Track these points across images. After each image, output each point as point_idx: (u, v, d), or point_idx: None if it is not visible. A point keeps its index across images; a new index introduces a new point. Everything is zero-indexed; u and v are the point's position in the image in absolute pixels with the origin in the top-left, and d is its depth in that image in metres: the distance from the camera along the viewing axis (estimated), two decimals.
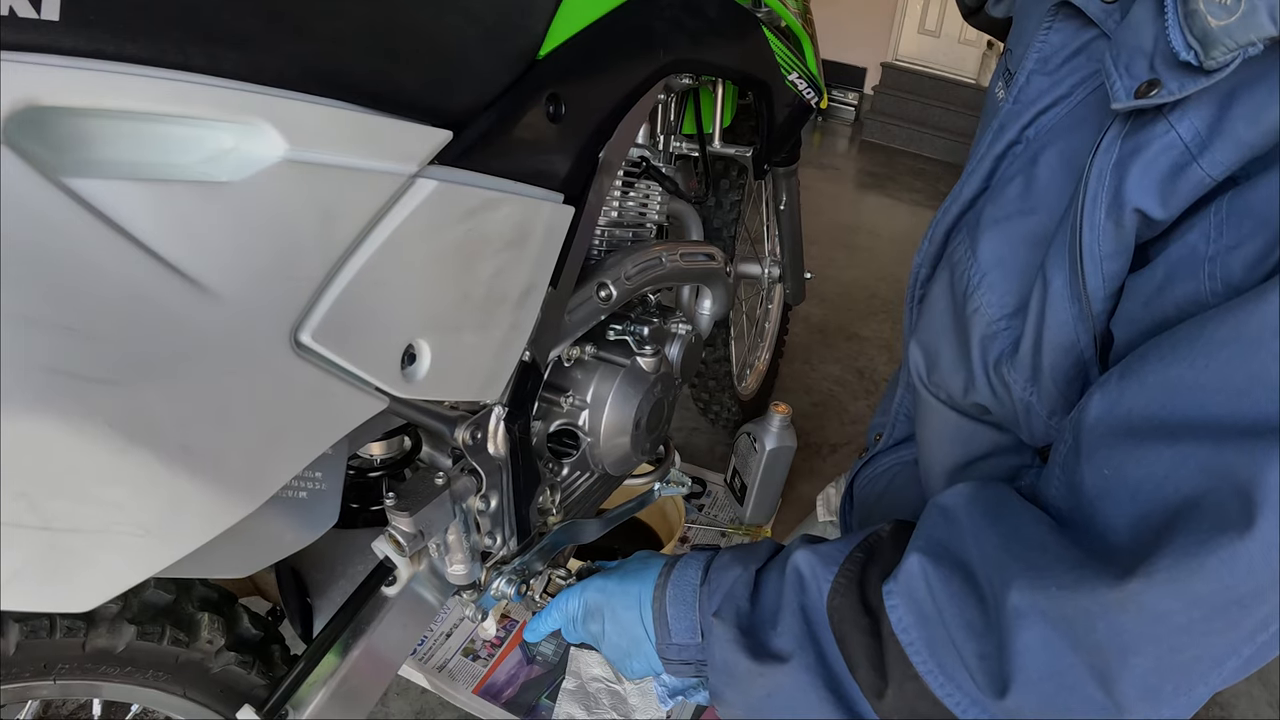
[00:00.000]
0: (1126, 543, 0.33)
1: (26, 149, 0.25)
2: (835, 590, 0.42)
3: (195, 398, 0.28)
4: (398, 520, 0.46)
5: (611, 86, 0.55)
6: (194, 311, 0.28)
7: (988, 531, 0.38)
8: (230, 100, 0.31)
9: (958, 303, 0.46)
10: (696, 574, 0.50)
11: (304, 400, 0.32)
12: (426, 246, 0.39)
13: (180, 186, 0.29)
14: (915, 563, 0.39)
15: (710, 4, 0.65)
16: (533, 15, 0.48)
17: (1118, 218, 0.36)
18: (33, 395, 0.24)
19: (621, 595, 0.53)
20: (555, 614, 0.58)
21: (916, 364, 0.51)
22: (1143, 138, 0.36)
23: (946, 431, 0.51)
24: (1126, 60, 0.36)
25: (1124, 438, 0.34)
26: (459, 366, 0.44)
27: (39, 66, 0.25)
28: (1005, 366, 0.43)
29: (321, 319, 0.33)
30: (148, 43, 0.28)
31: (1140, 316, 0.36)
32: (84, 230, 0.25)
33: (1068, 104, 0.43)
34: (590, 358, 0.68)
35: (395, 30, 0.38)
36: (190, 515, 0.28)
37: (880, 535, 0.45)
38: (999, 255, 0.44)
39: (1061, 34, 0.44)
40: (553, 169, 0.51)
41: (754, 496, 1.35)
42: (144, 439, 0.27)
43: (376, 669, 0.54)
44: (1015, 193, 0.44)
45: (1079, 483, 0.36)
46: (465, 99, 0.43)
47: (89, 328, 0.25)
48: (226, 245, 0.29)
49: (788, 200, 1.18)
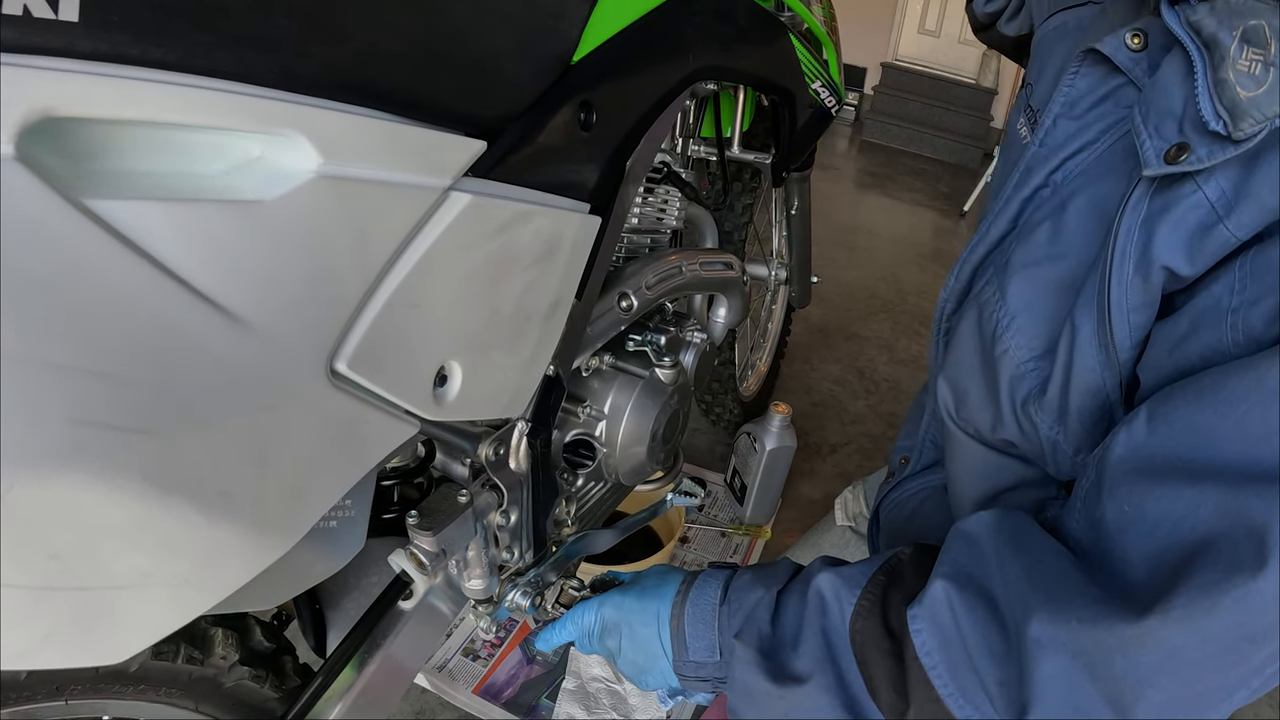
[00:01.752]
0: (1143, 578, 0.34)
1: (43, 165, 0.23)
2: (858, 613, 0.43)
3: (232, 439, 0.27)
4: (421, 540, 0.45)
5: (642, 93, 0.54)
6: (229, 345, 0.26)
7: (1010, 561, 0.39)
8: (262, 110, 0.29)
9: (986, 343, 0.48)
10: (716, 593, 0.50)
11: (339, 431, 0.31)
12: (460, 264, 0.38)
13: (211, 207, 0.27)
14: (940, 589, 0.40)
15: (740, 10, 0.63)
16: (567, 19, 0.46)
17: (1145, 273, 0.38)
18: (62, 452, 0.22)
19: (639, 612, 0.53)
20: (570, 626, 0.58)
21: (945, 400, 0.53)
22: (1170, 196, 0.37)
23: (975, 465, 0.52)
24: (1156, 121, 0.37)
25: (1146, 476, 0.35)
26: (489, 386, 0.43)
27: (56, 73, 0.23)
28: (1033, 406, 0.45)
29: (357, 346, 0.32)
30: (175, 46, 0.26)
31: (1164, 363, 0.38)
32: (110, 259, 0.23)
33: (1094, 150, 0.45)
34: (608, 368, 0.67)
35: (430, 32, 0.36)
36: (229, 560, 0.27)
37: (901, 559, 0.46)
38: (1027, 299, 0.45)
39: (1088, 79, 0.45)
40: (582, 179, 0.50)
41: (754, 496, 1.36)
42: (181, 489, 0.25)
43: (393, 679, 0.53)
44: (1044, 238, 0.45)
45: (1100, 517, 0.37)
46: (500, 107, 0.41)
47: (119, 371, 0.23)
48: (261, 271, 0.27)
49: (799, 205, 1.17)
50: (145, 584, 0.25)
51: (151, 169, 0.28)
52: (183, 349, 0.25)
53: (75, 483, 0.23)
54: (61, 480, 0.22)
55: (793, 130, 0.81)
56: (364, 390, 0.33)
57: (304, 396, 0.29)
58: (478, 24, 0.39)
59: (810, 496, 1.52)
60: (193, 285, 0.25)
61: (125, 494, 0.24)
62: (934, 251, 3.03)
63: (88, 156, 0.25)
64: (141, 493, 0.24)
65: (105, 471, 0.23)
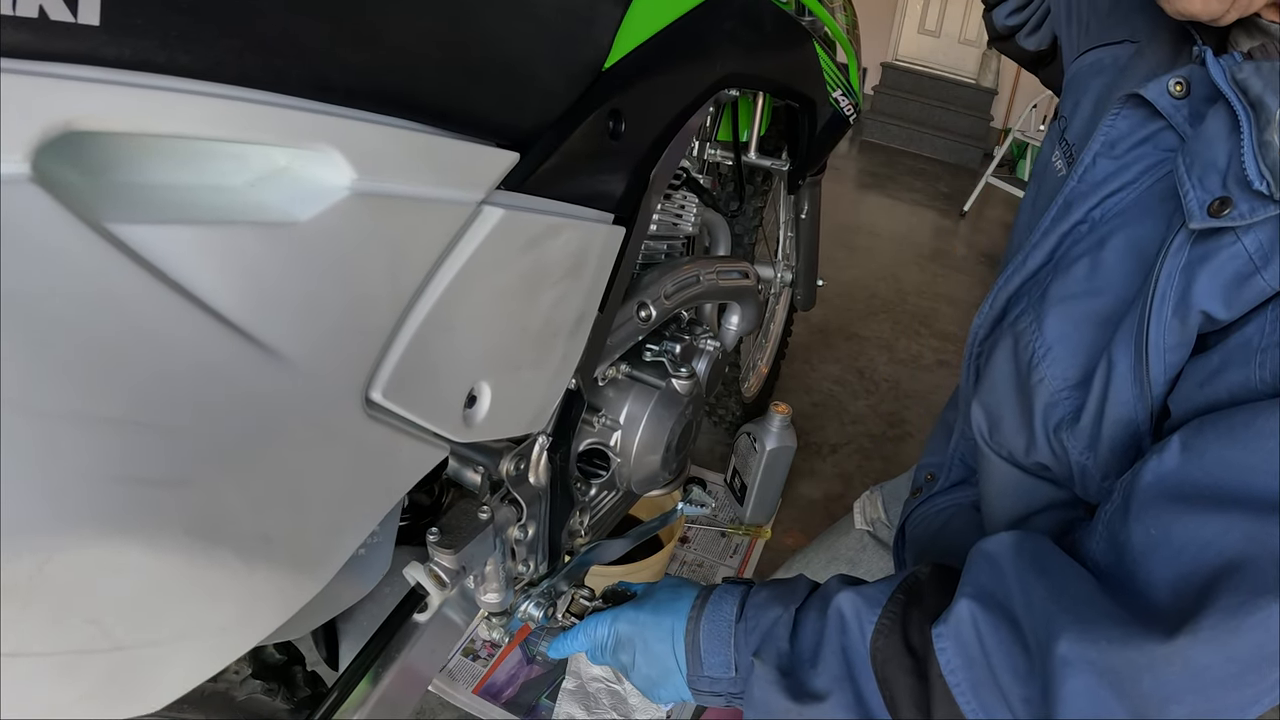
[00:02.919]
0: (1168, 599, 0.36)
1: (61, 184, 0.21)
2: (879, 631, 0.44)
3: (271, 481, 0.26)
4: (441, 557, 0.44)
5: (670, 101, 0.53)
6: (266, 382, 0.25)
7: (1034, 583, 0.40)
8: (295, 123, 0.28)
9: (1021, 372, 0.50)
10: (732, 610, 0.51)
11: (374, 462, 0.30)
12: (492, 281, 0.37)
13: (243, 230, 0.25)
14: (965, 607, 0.41)
15: (766, 17, 0.62)
16: (599, 25, 0.45)
17: (1184, 316, 0.40)
18: (100, 515, 0.20)
19: (654, 627, 0.53)
20: (582, 638, 0.58)
21: (979, 424, 0.54)
22: (1211, 246, 0.39)
23: (1008, 486, 0.54)
24: (1200, 173, 0.39)
25: (1174, 502, 0.37)
26: (517, 404, 0.42)
27: (76, 82, 0.21)
28: (1065, 432, 0.47)
29: (392, 372, 0.30)
30: (203, 52, 0.24)
31: (1194, 396, 0.40)
32: (139, 293, 0.21)
33: (1134, 189, 0.46)
34: (624, 377, 0.66)
35: (465, 37, 0.34)
36: (267, 602, 0.26)
37: (919, 578, 0.47)
38: (1063, 331, 0.47)
39: (1129, 121, 0.46)
40: (610, 190, 0.49)
41: (754, 496, 1.36)
42: (223, 539, 0.24)
43: (408, 690, 0.53)
44: (1082, 273, 0.47)
45: (1125, 540, 0.39)
46: (533, 115, 0.40)
47: (155, 419, 0.21)
48: (296, 298, 0.26)
49: (809, 209, 1.16)
50: (184, 637, 0.24)
51: (175, 182, 0.26)
52: (220, 389, 0.24)
53: (115, 545, 0.21)
54: (101, 545, 0.21)
55: (811, 138, 0.80)
56: (398, 418, 0.32)
57: (341, 430, 0.28)
58: (511, 29, 0.38)
59: (810, 496, 1.52)
60: (227, 318, 0.24)
61: (167, 551, 0.22)
62: (934, 251, 3.03)
63: (106, 169, 0.24)
64: (183, 548, 0.23)
65: (146, 530, 0.22)
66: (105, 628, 0.22)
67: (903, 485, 0.79)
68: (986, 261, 3.00)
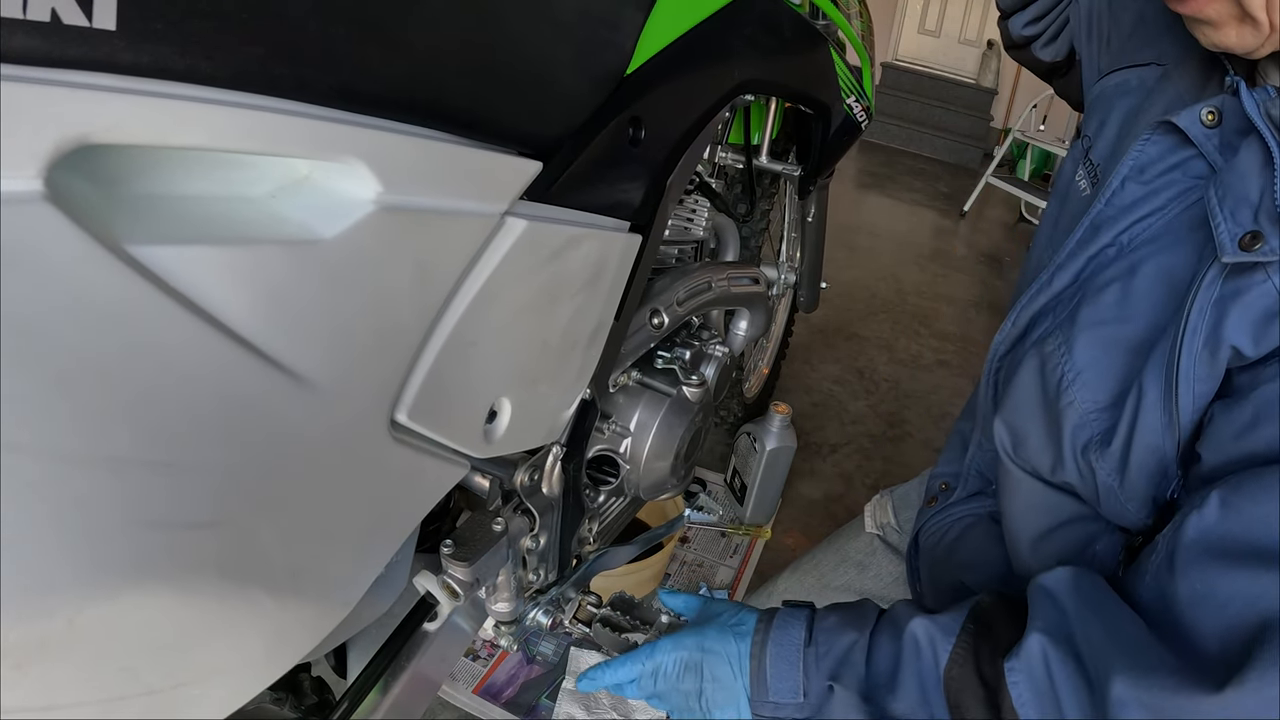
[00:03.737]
0: (1216, 650, 0.37)
1: (77, 202, 0.20)
2: (954, 660, 0.45)
3: (300, 514, 0.25)
4: (456, 570, 0.44)
5: (690, 107, 0.52)
6: (295, 411, 0.24)
7: (1093, 623, 0.42)
8: (321, 135, 0.27)
9: (1050, 393, 0.51)
10: (800, 634, 0.51)
11: (399, 484, 0.29)
12: (514, 295, 0.36)
13: (268, 251, 0.24)
14: (1036, 643, 0.42)
15: (785, 22, 0.62)
16: (623, 30, 0.44)
17: (1214, 349, 0.40)
18: (132, 563, 0.19)
19: (719, 652, 0.53)
20: (631, 667, 0.56)
21: (1003, 440, 0.55)
22: (1243, 282, 0.40)
23: (1032, 500, 0.54)
24: (1232, 206, 0.40)
25: (1218, 558, 0.38)
26: (535, 417, 0.41)
27: (91, 91, 0.20)
28: (1094, 454, 0.47)
29: (416, 393, 0.30)
30: (225, 59, 0.23)
31: (1230, 447, 0.41)
32: (162, 321, 0.20)
33: (1162, 215, 0.47)
34: (634, 384, 0.65)
35: (492, 43, 0.33)
36: (295, 633, 0.25)
37: (984, 607, 0.48)
38: (1093, 356, 0.48)
39: (1159, 146, 0.47)
40: (628, 198, 0.48)
41: (754, 496, 1.36)
42: (254, 577, 0.23)
43: (417, 696, 0.52)
44: (1113, 299, 0.48)
45: (1172, 593, 0.40)
46: (558, 123, 0.39)
47: (185, 459, 0.20)
48: (324, 321, 0.25)
49: (816, 212, 1.16)
50: (213, 675, 0.23)
51: (193, 193, 0.25)
52: (251, 422, 0.22)
53: (147, 592, 0.20)
54: (133, 594, 0.20)
55: (824, 143, 0.80)
56: (422, 439, 0.31)
57: (368, 456, 0.28)
58: (538, 33, 0.37)
59: (810, 496, 1.52)
60: (256, 345, 0.22)
61: (199, 594, 0.21)
62: (934, 251, 3.03)
63: (121, 180, 0.23)
64: (215, 589, 0.22)
65: (178, 575, 0.21)
66: (137, 674, 0.22)
67: (913, 491, 0.80)
68: (986, 261, 3.01)
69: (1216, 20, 0.40)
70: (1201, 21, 0.41)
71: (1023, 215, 3.52)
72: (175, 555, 0.21)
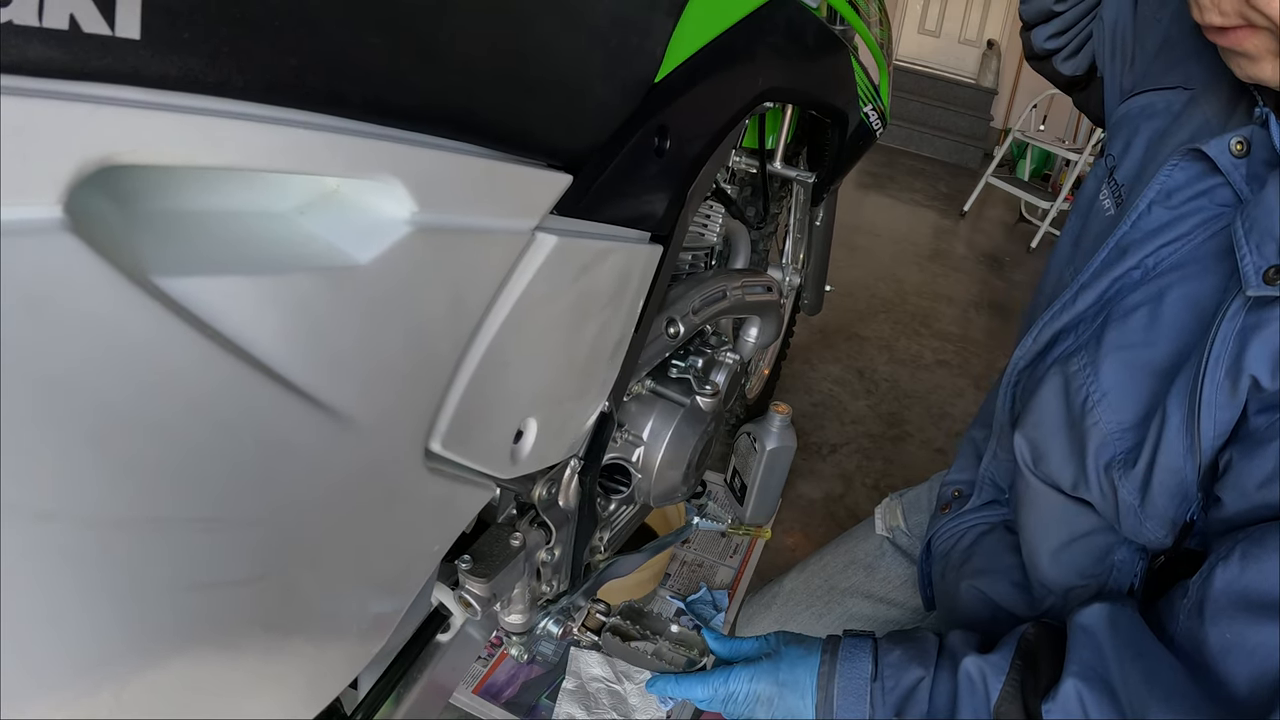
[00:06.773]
0: (1246, 693, 0.39)
1: (100, 233, 0.18)
2: (1003, 698, 0.46)
3: (340, 557, 0.24)
4: (474, 586, 0.43)
5: (715, 115, 0.51)
6: (334, 450, 0.23)
7: (1131, 665, 0.43)
8: (357, 152, 0.25)
9: (1074, 412, 0.51)
10: (866, 667, 0.52)
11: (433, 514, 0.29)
12: (544, 314, 0.35)
13: (302, 280, 0.23)
14: (1072, 688, 0.43)
15: (809, 30, 0.61)
16: (652, 36, 0.43)
17: (1235, 378, 0.42)
18: (177, 628, 0.18)
19: (791, 685, 0.54)
20: (703, 689, 0.56)
21: (1023, 454, 0.56)
22: (1265, 314, 0.41)
23: (1052, 511, 0.55)
24: (1258, 239, 0.40)
25: (1244, 609, 0.40)
26: (558, 434, 0.41)
27: (114, 107, 0.18)
28: (1116, 472, 0.48)
29: (450, 420, 0.29)
30: (258, 71, 0.21)
31: (1253, 494, 0.42)
32: (200, 365, 0.19)
33: (1188, 241, 0.48)
34: (647, 392, 0.65)
35: (526, 51, 0.32)
36: (332, 672, 0.25)
37: (1029, 640, 0.49)
38: (1119, 379, 0.49)
39: (1186, 173, 0.47)
40: (652, 209, 0.47)
41: (754, 496, 1.36)
42: (296, 625, 0.22)
43: (431, 706, 0.52)
44: (1139, 324, 0.49)
45: (1204, 638, 0.42)
46: (589, 134, 0.38)
47: (230, 513, 0.19)
48: (361, 351, 0.23)
49: (824, 216, 1.15)
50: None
51: (218, 208, 0.24)
52: (291, 467, 0.21)
53: (192, 656, 0.19)
54: (178, 658, 0.19)
55: (840, 151, 0.79)
56: (454, 465, 0.30)
57: (405, 489, 0.27)
58: (571, 42, 0.35)
59: (810, 496, 1.53)
60: (293, 382, 0.21)
61: (242, 651, 0.20)
62: (934, 251, 3.03)
63: (143, 196, 0.21)
64: (258, 644, 0.21)
65: (222, 634, 0.20)
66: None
67: (923, 495, 0.80)
68: (986, 261, 3.01)
69: (1254, 54, 0.41)
70: (1239, 54, 0.42)
71: (1022, 215, 3.53)
72: (221, 616, 0.20)
